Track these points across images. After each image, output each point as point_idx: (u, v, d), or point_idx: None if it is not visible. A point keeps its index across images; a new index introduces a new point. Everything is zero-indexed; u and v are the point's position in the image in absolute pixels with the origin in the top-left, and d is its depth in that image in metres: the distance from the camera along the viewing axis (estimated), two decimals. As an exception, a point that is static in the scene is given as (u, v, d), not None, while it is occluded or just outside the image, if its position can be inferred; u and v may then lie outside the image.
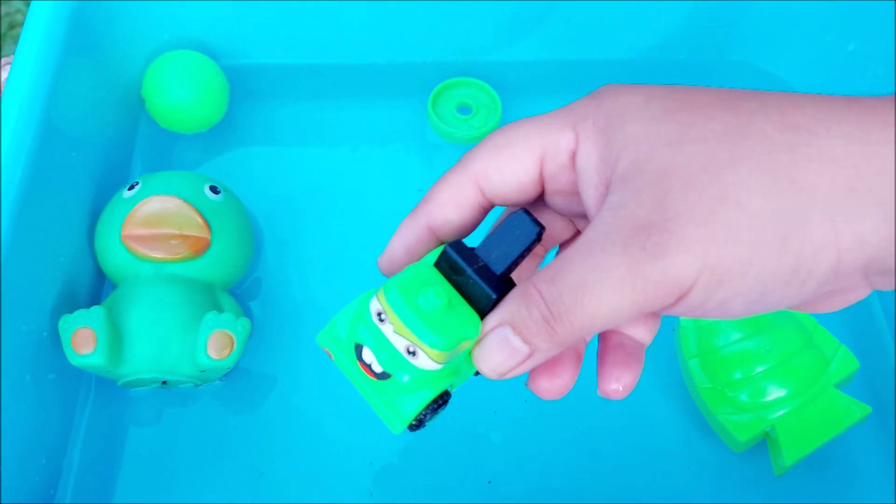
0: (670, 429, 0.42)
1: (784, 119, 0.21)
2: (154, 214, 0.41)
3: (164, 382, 0.42)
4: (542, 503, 0.40)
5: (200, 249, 0.41)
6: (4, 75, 0.53)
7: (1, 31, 1.15)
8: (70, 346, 0.38)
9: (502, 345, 0.23)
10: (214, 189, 0.44)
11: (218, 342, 0.39)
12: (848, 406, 0.39)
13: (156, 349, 0.39)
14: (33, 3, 0.44)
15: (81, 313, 0.38)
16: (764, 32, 0.53)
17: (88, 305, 0.39)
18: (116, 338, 0.39)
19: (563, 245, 0.28)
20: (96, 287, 0.45)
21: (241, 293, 0.46)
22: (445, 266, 0.24)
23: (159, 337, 0.39)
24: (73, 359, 0.38)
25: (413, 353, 0.24)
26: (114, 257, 0.42)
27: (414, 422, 0.25)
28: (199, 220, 0.41)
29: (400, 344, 0.24)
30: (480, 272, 0.24)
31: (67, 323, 0.38)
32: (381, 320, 0.24)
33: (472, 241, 0.25)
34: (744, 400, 0.39)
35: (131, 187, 0.43)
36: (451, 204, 0.25)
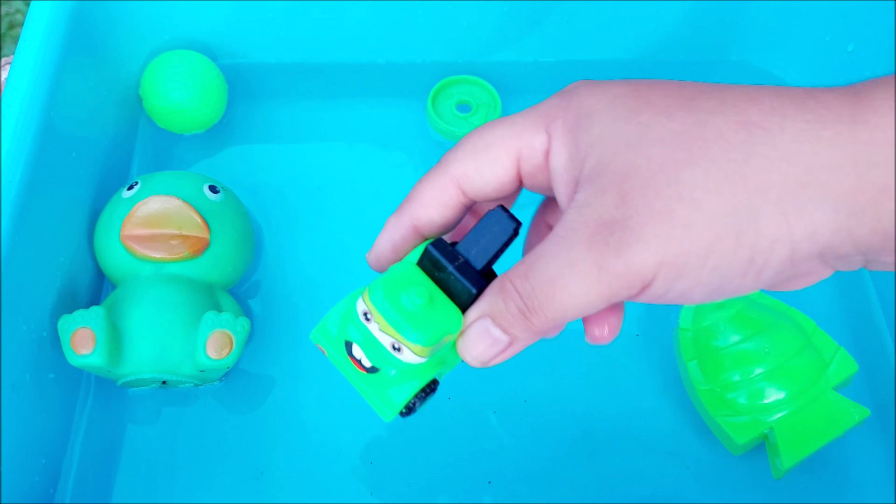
0: (669, 431, 0.42)
1: (740, 117, 0.22)
2: (153, 214, 0.41)
3: (164, 382, 0.42)
4: (542, 503, 0.40)
5: (200, 249, 0.41)
6: (4, 75, 0.53)
7: (1, 31, 1.15)
8: (69, 347, 0.38)
9: (483, 335, 0.25)
10: (214, 189, 0.44)
11: (217, 342, 0.39)
12: (847, 409, 0.39)
13: (155, 349, 0.39)
14: (33, 3, 0.44)
15: (80, 313, 0.38)
16: (764, 32, 0.53)
17: (88, 305, 0.39)
18: (116, 338, 0.39)
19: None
20: (96, 287, 0.45)
21: (241, 293, 0.46)
22: (428, 264, 0.26)
23: (159, 337, 0.39)
24: (73, 359, 0.38)
25: (398, 349, 0.26)
26: (113, 257, 0.42)
27: (404, 409, 0.27)
28: (199, 220, 0.41)
29: (386, 341, 0.26)
30: (461, 268, 0.25)
31: (67, 323, 0.38)
32: (368, 319, 0.26)
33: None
34: (742, 402, 0.39)
35: (130, 187, 0.43)
36: (434, 204, 0.27)
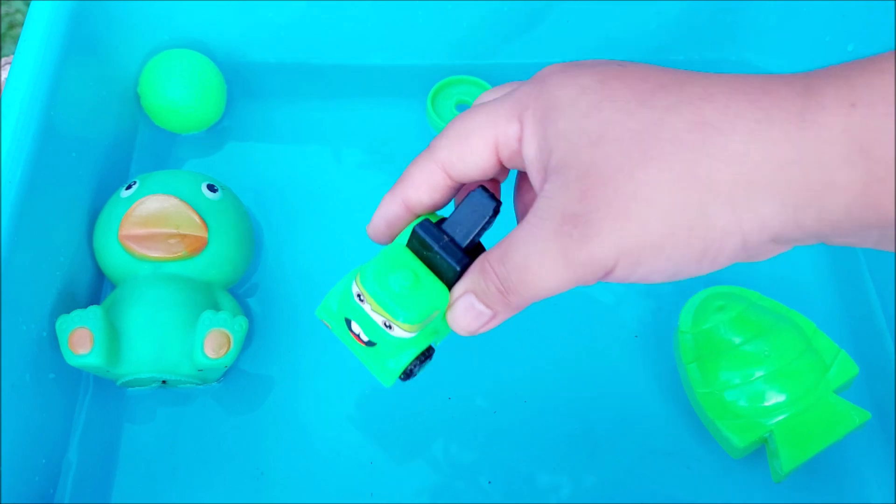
0: (668, 434, 0.42)
1: (695, 116, 0.23)
2: (151, 214, 0.41)
3: (164, 382, 0.42)
4: (542, 503, 0.40)
5: (198, 248, 0.41)
6: (4, 75, 0.53)
7: (1, 31, 1.15)
8: (67, 347, 0.38)
9: (469, 309, 0.27)
10: (212, 187, 0.44)
11: (215, 341, 0.39)
12: (847, 412, 0.38)
13: (154, 349, 0.39)
14: (33, 3, 0.44)
15: (78, 313, 0.38)
16: (763, 32, 0.53)
17: (88, 305, 0.39)
18: (114, 338, 0.39)
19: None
20: (96, 287, 0.45)
21: (241, 293, 0.46)
22: (416, 244, 0.28)
23: (157, 337, 0.39)
24: (71, 359, 0.38)
25: (390, 327, 0.28)
26: (112, 257, 0.42)
27: (402, 375, 0.30)
28: (197, 219, 0.41)
29: (378, 319, 0.28)
30: (446, 248, 0.28)
31: (65, 323, 0.38)
32: (361, 300, 0.29)
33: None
34: (742, 405, 0.39)
35: (129, 187, 0.43)
36: (423, 187, 0.29)
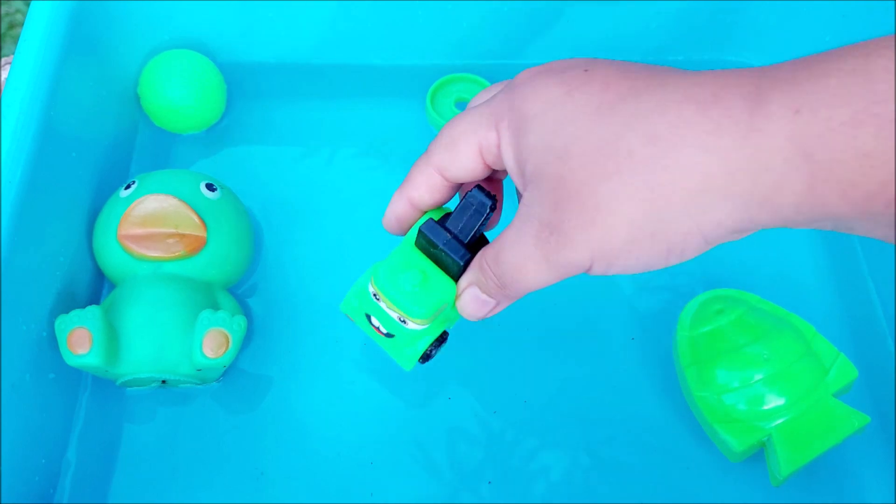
0: (668, 437, 0.42)
1: (649, 130, 0.25)
2: (149, 213, 0.41)
3: (163, 382, 0.41)
4: (542, 503, 0.40)
5: (197, 248, 0.41)
6: (4, 75, 0.53)
7: (1, 31, 1.15)
8: (66, 347, 0.38)
9: (475, 299, 0.31)
10: (211, 187, 0.44)
11: (213, 341, 0.39)
12: (846, 415, 0.38)
13: (153, 349, 0.39)
14: (33, 3, 0.44)
15: (77, 313, 0.38)
16: (763, 32, 0.53)
17: (87, 305, 0.39)
18: (112, 337, 0.39)
19: None
20: (96, 287, 0.45)
21: (241, 293, 0.46)
22: (423, 242, 0.31)
23: (156, 336, 0.39)
24: (70, 359, 0.38)
25: (404, 322, 0.32)
26: (111, 257, 0.42)
27: (420, 359, 0.34)
28: (195, 219, 0.41)
29: (394, 315, 0.32)
30: (449, 245, 0.31)
31: (63, 323, 0.38)
32: (378, 299, 0.32)
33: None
34: (741, 408, 0.39)
35: (128, 186, 0.43)
36: (423, 188, 0.32)
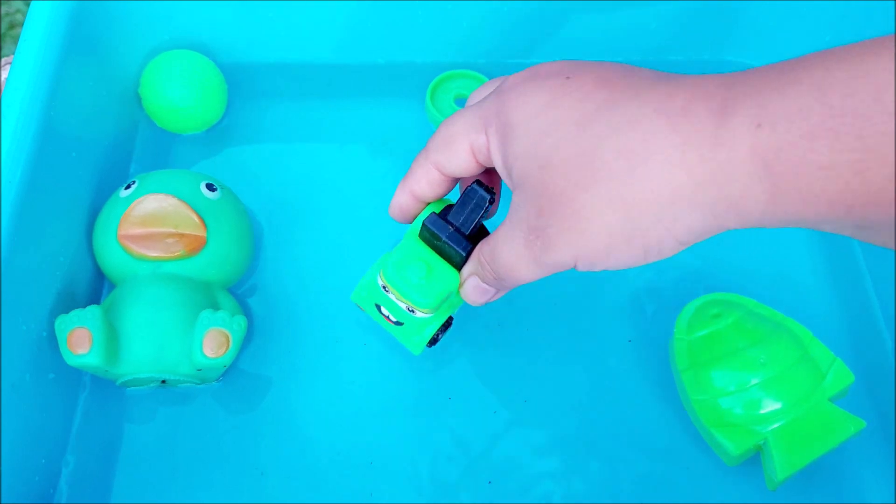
0: (665, 440, 0.42)
1: (622, 143, 0.26)
2: (149, 213, 0.41)
3: (164, 382, 0.41)
4: (542, 503, 0.40)
5: (196, 248, 0.41)
6: (4, 75, 0.53)
7: (1, 31, 1.15)
8: (66, 347, 0.38)
9: (476, 288, 0.34)
10: (211, 187, 0.44)
11: (214, 341, 0.39)
12: (842, 420, 0.38)
13: (153, 348, 0.39)
14: (33, 3, 0.44)
15: (77, 313, 0.38)
16: (763, 32, 0.53)
17: (87, 305, 0.39)
18: (112, 337, 0.39)
19: None
20: (96, 287, 0.45)
21: (241, 293, 0.46)
22: (427, 234, 0.34)
23: (156, 336, 0.39)
24: (70, 359, 0.38)
25: (412, 311, 0.35)
26: (111, 257, 0.42)
27: (429, 343, 0.37)
28: (195, 219, 0.41)
29: (403, 305, 0.35)
30: (452, 237, 0.33)
31: (63, 323, 0.38)
32: (387, 290, 0.35)
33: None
34: (738, 412, 0.39)
35: (128, 186, 0.43)
36: (423, 182, 0.34)
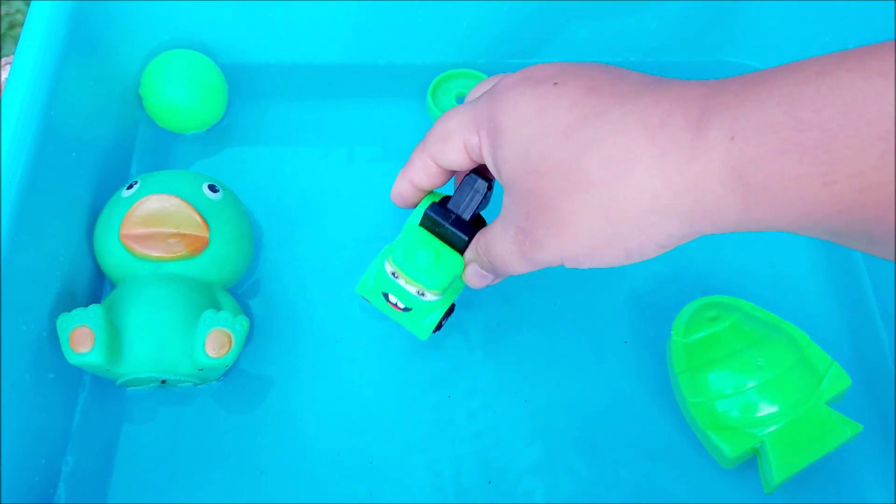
0: (661, 443, 0.42)
1: (604, 153, 0.27)
2: (152, 213, 0.41)
3: (164, 382, 0.42)
4: (542, 503, 0.40)
5: (199, 248, 0.41)
6: (4, 75, 0.53)
7: (1, 31, 1.15)
8: (68, 345, 0.38)
9: (477, 273, 0.36)
10: (213, 188, 0.44)
11: (216, 340, 0.39)
12: (839, 424, 0.38)
13: (154, 348, 0.39)
14: (33, 3, 0.44)
15: (79, 312, 0.38)
16: (763, 32, 0.53)
17: (88, 305, 0.39)
18: (114, 336, 0.39)
19: None
20: (96, 286, 0.45)
21: (241, 293, 0.46)
22: (429, 223, 0.35)
23: (157, 336, 0.39)
24: (71, 357, 0.38)
25: (422, 294, 0.37)
26: (112, 257, 0.42)
27: (434, 329, 0.38)
28: (198, 219, 0.41)
29: (412, 289, 0.37)
30: (455, 223, 0.35)
31: (65, 322, 0.38)
32: (396, 276, 0.37)
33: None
34: (734, 415, 0.39)
35: (130, 186, 0.43)
36: (421, 172, 0.35)
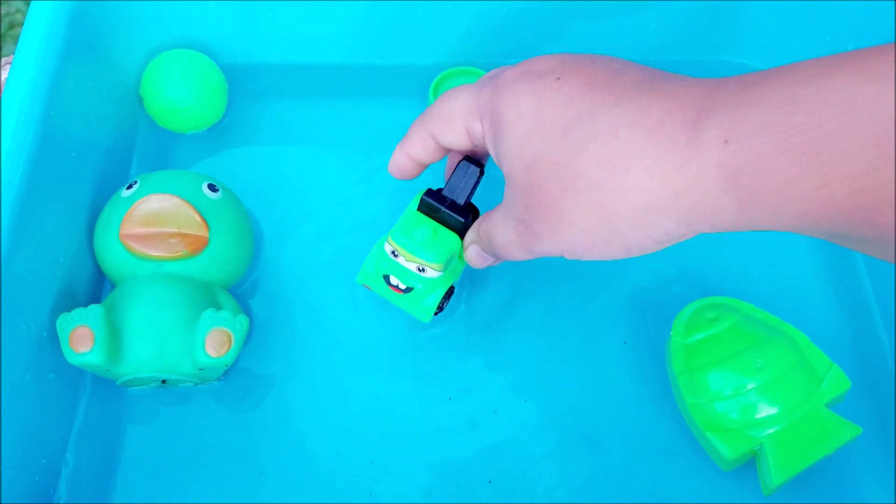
0: (660, 444, 0.42)
1: (601, 153, 0.28)
2: (152, 213, 0.41)
3: (164, 381, 0.42)
4: (542, 503, 0.40)
5: (199, 248, 0.41)
6: (4, 75, 0.53)
7: (1, 31, 1.15)
8: (68, 345, 0.38)
9: (478, 254, 0.37)
10: (213, 187, 0.44)
11: (216, 340, 0.39)
12: (838, 426, 0.38)
13: (154, 348, 0.39)
14: (33, 3, 0.44)
15: (79, 312, 0.38)
16: (763, 32, 0.53)
17: (88, 305, 0.39)
18: (114, 336, 0.39)
19: None
20: (96, 286, 0.45)
21: (241, 292, 0.46)
22: (425, 208, 0.37)
23: (157, 336, 0.39)
24: (71, 357, 0.38)
25: (422, 270, 0.38)
26: (112, 256, 0.42)
27: (436, 311, 0.39)
28: (198, 219, 0.41)
29: (412, 266, 0.38)
30: (451, 207, 0.37)
31: (65, 321, 0.38)
32: (395, 256, 0.38)
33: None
34: (734, 417, 0.39)
35: (130, 186, 0.43)
36: (419, 146, 0.36)
